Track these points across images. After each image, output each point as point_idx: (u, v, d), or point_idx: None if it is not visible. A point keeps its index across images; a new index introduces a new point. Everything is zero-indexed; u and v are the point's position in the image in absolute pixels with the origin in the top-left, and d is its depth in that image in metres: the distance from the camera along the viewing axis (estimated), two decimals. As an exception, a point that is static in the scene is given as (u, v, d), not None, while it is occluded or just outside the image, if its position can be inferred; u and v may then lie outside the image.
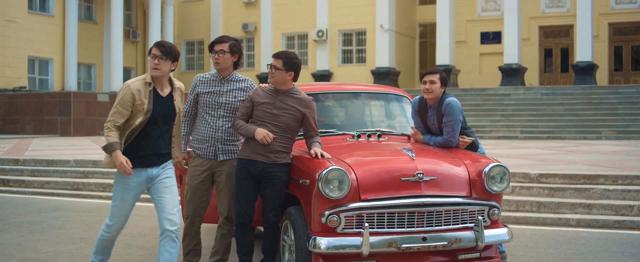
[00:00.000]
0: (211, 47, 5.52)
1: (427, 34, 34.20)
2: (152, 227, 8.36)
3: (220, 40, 5.51)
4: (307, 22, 32.88)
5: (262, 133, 5.25)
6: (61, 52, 30.22)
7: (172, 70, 5.05)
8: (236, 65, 5.58)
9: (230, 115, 5.53)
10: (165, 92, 5.07)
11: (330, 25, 32.31)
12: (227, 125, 5.52)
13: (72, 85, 29.76)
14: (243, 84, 5.60)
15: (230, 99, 5.52)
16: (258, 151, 5.31)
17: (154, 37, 31.97)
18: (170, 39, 34.05)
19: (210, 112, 5.53)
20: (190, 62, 36.77)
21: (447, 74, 27.89)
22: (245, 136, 5.39)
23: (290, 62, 5.35)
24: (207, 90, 5.54)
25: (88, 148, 17.25)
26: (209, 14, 35.33)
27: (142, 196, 11.01)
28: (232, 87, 5.55)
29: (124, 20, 31.67)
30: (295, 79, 5.46)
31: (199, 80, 5.62)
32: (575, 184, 9.51)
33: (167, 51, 4.90)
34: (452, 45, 29.27)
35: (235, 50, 5.52)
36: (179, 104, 5.14)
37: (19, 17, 28.33)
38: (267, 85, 5.54)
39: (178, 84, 5.21)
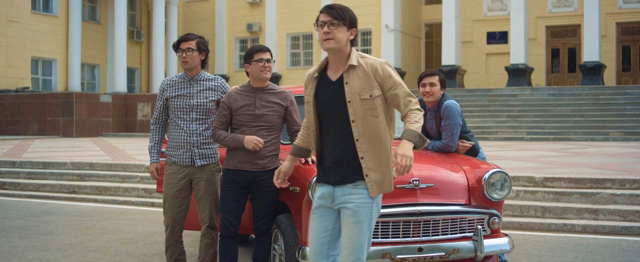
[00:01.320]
0: (177, 45, 5.23)
1: (433, 34, 33.95)
2: (144, 234, 8.12)
3: (187, 38, 5.23)
4: (312, 22, 32.45)
5: (252, 141, 4.96)
6: (65, 52, 30.11)
7: (351, 42, 3.75)
8: (203, 64, 5.33)
9: (204, 117, 5.25)
10: (337, 74, 3.77)
11: (335, 25, 32.04)
12: (201, 128, 5.23)
13: (75, 85, 29.64)
14: (213, 83, 5.32)
15: (202, 100, 5.23)
16: (246, 159, 5.03)
17: (158, 37, 31.85)
18: (174, 39, 33.88)
19: (182, 116, 5.25)
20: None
21: (453, 75, 27.68)
22: (232, 147, 5.09)
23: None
24: (176, 93, 5.27)
25: (88, 150, 17.07)
26: (213, 14, 35.17)
27: (134, 198, 10.94)
28: (202, 88, 5.27)
29: (127, 21, 31.55)
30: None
31: (167, 83, 5.34)
32: (581, 188, 9.25)
33: (339, 14, 3.65)
34: (458, 46, 28.99)
35: (203, 48, 5.28)
36: (355, 89, 3.66)
37: (22, 17, 28.22)
38: (237, 86, 5.28)
39: (358, 59, 3.73)
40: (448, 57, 28.50)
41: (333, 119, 3.73)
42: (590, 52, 26.20)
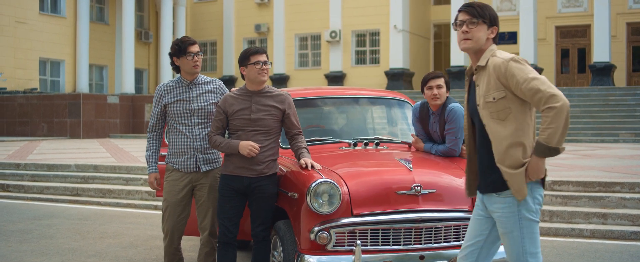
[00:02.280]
0: (184, 49, 5.07)
1: (442, 34, 33.77)
2: (145, 238, 8.02)
3: (192, 41, 5.13)
4: (320, 23, 32.55)
5: (247, 147, 4.82)
6: (73, 53, 30.10)
7: (493, 41, 3.58)
8: None
9: (206, 121, 5.13)
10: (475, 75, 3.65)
11: (344, 26, 31.96)
12: (204, 133, 5.12)
13: (83, 87, 29.62)
14: (212, 86, 5.22)
15: (202, 104, 5.12)
16: (242, 165, 4.90)
17: (166, 38, 31.79)
18: (182, 40, 33.77)
19: (183, 121, 5.13)
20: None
21: (462, 75, 27.48)
22: (227, 153, 4.97)
23: None
24: (175, 98, 5.15)
25: (93, 151, 17.01)
26: (221, 14, 35.10)
27: (137, 201, 10.84)
28: (201, 91, 5.16)
29: (135, 22, 31.51)
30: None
31: (164, 89, 5.21)
32: (590, 192, 9.08)
33: (478, 12, 3.52)
34: (467, 46, 28.76)
35: (202, 50, 5.21)
36: (482, 91, 3.52)
37: (30, 18, 28.24)
38: (235, 89, 5.16)
39: (492, 59, 3.52)
40: (457, 57, 28.32)
41: (476, 123, 3.65)
42: (600, 53, 25.97)
